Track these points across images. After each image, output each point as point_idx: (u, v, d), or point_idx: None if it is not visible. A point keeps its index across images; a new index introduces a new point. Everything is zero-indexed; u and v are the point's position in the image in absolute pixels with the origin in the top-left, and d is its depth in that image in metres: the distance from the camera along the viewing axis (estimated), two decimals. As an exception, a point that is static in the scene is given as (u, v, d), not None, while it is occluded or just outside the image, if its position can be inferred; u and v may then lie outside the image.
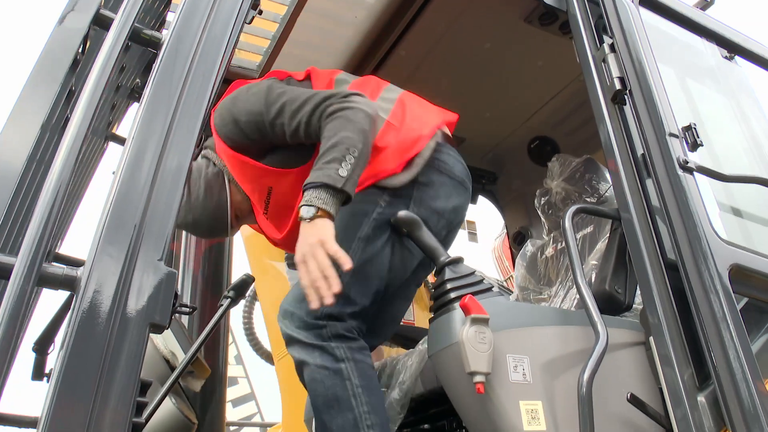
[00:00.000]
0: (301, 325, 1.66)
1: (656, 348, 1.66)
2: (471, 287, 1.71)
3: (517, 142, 3.38)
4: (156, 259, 1.08)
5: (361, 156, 1.63)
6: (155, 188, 1.14)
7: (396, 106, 1.96)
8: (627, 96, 1.96)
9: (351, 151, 1.60)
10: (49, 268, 0.99)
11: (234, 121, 1.81)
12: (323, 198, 1.56)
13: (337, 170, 1.58)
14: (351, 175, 1.59)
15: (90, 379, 0.96)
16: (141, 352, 1.02)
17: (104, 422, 0.95)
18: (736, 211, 2.19)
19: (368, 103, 1.74)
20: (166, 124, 1.23)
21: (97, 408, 0.95)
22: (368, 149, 1.69)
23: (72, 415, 0.93)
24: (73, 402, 0.94)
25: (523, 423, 1.56)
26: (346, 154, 1.60)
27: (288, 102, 1.76)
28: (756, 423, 1.50)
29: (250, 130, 1.81)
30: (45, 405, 0.93)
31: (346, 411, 1.61)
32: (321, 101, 1.72)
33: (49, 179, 1.02)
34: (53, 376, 0.96)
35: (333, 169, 1.58)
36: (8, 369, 0.87)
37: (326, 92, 1.77)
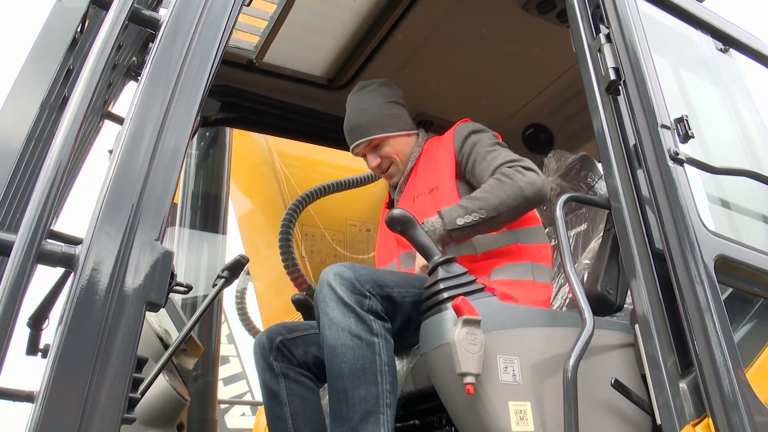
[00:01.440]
0: (349, 286, 1.72)
1: (641, 335, 1.69)
2: (463, 287, 1.72)
3: (512, 129, 3.40)
4: (153, 238, 1.10)
5: (487, 221, 1.95)
6: (153, 168, 1.15)
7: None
8: (621, 86, 1.97)
9: (480, 214, 1.93)
10: (47, 245, 1.00)
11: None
12: (435, 227, 1.92)
13: (458, 217, 1.93)
14: (464, 228, 1.93)
15: (88, 355, 0.98)
16: (137, 330, 1.04)
17: (101, 397, 0.97)
18: (724, 203, 2.22)
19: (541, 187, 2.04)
20: (164, 104, 1.24)
21: (94, 383, 0.97)
22: (500, 220, 1.98)
23: (70, 389, 0.95)
24: (71, 377, 0.96)
25: (511, 423, 1.58)
26: (474, 214, 1.93)
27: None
28: (735, 410, 1.54)
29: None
30: (43, 380, 0.96)
31: (371, 385, 1.64)
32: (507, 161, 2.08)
33: (48, 158, 1.03)
34: (52, 352, 0.98)
35: (457, 213, 1.93)
36: (7, 344, 0.89)
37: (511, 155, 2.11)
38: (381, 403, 1.64)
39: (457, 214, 1.93)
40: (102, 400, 0.97)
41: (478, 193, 1.99)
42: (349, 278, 1.73)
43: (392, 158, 2.35)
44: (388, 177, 2.42)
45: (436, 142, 2.36)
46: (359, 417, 1.62)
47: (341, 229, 3.57)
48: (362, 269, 1.79)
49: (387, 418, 1.64)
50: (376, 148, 2.36)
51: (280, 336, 2.12)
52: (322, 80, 3.11)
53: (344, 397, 1.64)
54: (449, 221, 1.92)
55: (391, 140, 2.35)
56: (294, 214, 3.14)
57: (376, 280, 1.78)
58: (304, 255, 3.29)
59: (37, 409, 0.93)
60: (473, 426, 1.64)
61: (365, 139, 2.34)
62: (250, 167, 3.79)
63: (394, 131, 2.35)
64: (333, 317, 1.70)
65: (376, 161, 2.36)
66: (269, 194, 3.64)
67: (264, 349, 2.11)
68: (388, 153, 2.35)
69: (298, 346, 2.12)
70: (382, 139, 2.34)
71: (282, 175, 3.58)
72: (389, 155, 2.35)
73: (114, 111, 2.08)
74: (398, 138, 2.36)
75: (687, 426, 1.57)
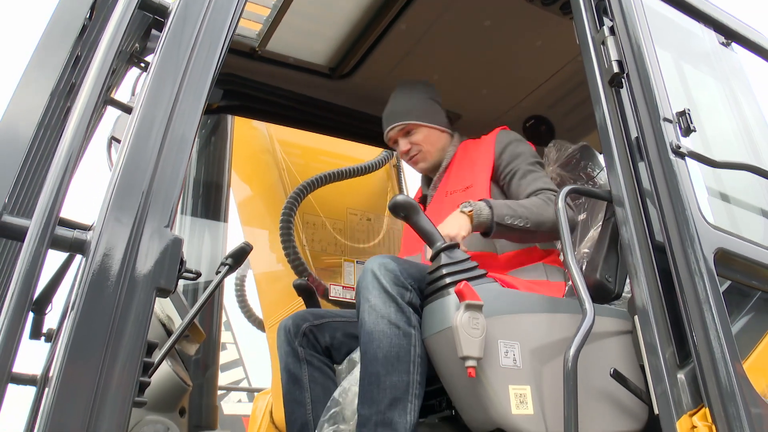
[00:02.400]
0: (393, 278, 1.78)
1: (640, 326, 1.71)
2: (466, 273, 1.75)
3: (513, 120, 3.40)
4: (163, 225, 1.11)
5: (525, 232, 2.04)
6: (162, 156, 1.16)
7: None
8: (624, 79, 1.98)
9: (525, 222, 2.02)
10: (59, 231, 1.02)
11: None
12: (482, 212, 1.98)
13: (507, 215, 2.00)
14: (506, 227, 2.00)
15: (99, 339, 1.00)
16: (148, 315, 1.06)
17: (113, 381, 0.99)
18: (724, 196, 2.24)
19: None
20: (173, 92, 1.25)
21: (106, 367, 0.99)
22: (533, 237, 2.10)
23: (83, 373, 0.97)
24: (83, 361, 0.98)
25: (511, 406, 1.62)
26: (520, 219, 2.02)
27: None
28: (732, 401, 1.56)
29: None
30: (56, 363, 0.97)
31: (403, 373, 1.70)
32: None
33: (61, 145, 1.04)
34: (64, 336, 0.99)
35: (506, 212, 2.01)
36: (23, 326, 0.90)
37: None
38: (410, 392, 1.69)
39: (506, 212, 2.01)
40: (114, 383, 0.99)
41: (526, 203, 2.09)
42: (393, 270, 1.79)
43: (421, 147, 2.49)
44: (413, 164, 2.56)
45: (472, 144, 2.49)
46: (388, 402, 1.66)
47: (342, 218, 3.59)
48: (405, 263, 1.86)
49: (414, 408, 1.69)
50: (408, 134, 2.51)
51: (307, 322, 2.19)
52: (324, 69, 3.11)
53: (376, 381, 1.69)
54: (498, 214, 1.99)
55: (423, 129, 2.49)
56: (295, 202, 3.15)
57: (418, 276, 1.84)
58: (305, 243, 3.31)
59: (51, 393, 0.95)
60: (474, 409, 1.67)
61: (399, 123, 2.50)
62: (251, 155, 3.79)
63: (427, 122, 2.50)
64: (374, 304, 1.75)
65: (406, 146, 2.50)
66: (270, 182, 3.64)
67: (289, 333, 2.17)
68: (418, 140, 2.49)
69: (324, 333, 2.20)
70: (415, 126, 2.49)
71: (283, 163, 3.59)
72: (419, 143, 2.49)
73: (116, 97, 2.10)
74: (430, 129, 2.51)
75: (684, 416, 1.59)
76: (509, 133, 2.42)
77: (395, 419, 1.65)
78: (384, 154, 3.81)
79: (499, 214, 1.99)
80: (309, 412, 2.06)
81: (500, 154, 2.31)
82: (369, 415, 1.67)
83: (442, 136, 2.54)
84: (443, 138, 2.54)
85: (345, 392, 1.91)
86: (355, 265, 3.23)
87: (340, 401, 1.91)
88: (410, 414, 1.68)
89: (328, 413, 1.92)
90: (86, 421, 0.96)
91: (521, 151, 2.32)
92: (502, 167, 2.29)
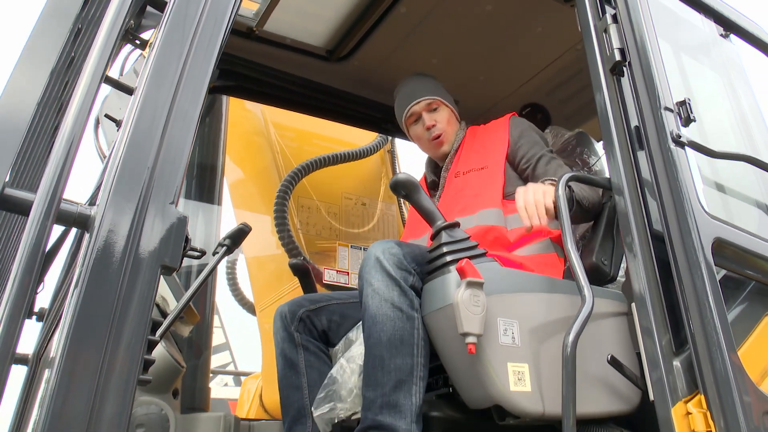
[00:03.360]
0: (396, 261, 1.78)
1: (637, 313, 1.72)
2: (466, 252, 1.76)
3: (510, 107, 3.39)
4: (168, 202, 1.10)
5: (586, 212, 2.12)
6: (167, 132, 1.14)
7: None
8: (626, 68, 1.98)
9: (588, 204, 2.10)
10: (64, 205, 1.00)
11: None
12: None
13: (583, 198, 2.06)
14: (581, 208, 2.07)
15: (104, 316, 0.99)
16: (152, 293, 1.04)
17: (118, 358, 0.98)
18: (719, 187, 2.25)
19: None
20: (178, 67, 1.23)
21: (111, 344, 0.98)
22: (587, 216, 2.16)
23: (87, 351, 0.96)
24: (88, 338, 0.96)
25: (510, 384, 1.63)
26: (587, 200, 2.09)
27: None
28: (726, 388, 1.58)
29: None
30: (59, 341, 0.96)
31: (407, 356, 1.70)
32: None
33: (66, 119, 1.02)
34: (68, 313, 0.98)
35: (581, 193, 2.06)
36: (31, 302, 0.88)
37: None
38: (414, 374, 1.70)
39: (581, 193, 2.06)
40: (118, 361, 0.98)
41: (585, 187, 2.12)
42: (396, 254, 1.79)
43: (444, 126, 2.52)
44: (437, 145, 2.55)
45: (481, 129, 2.53)
46: (393, 384, 1.67)
47: (337, 202, 3.57)
48: (408, 247, 1.86)
49: (419, 390, 1.70)
50: (433, 110, 2.54)
51: (303, 308, 2.20)
52: (321, 51, 3.08)
53: (380, 364, 1.70)
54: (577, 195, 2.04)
55: (446, 109, 2.56)
56: (290, 185, 3.13)
57: (421, 260, 1.84)
58: (299, 227, 3.29)
59: (55, 370, 0.93)
60: (473, 386, 1.68)
61: (428, 97, 2.53)
62: (244, 138, 3.75)
63: (450, 104, 2.58)
64: (377, 288, 1.75)
65: (431, 121, 2.52)
66: (263, 165, 3.61)
67: (285, 319, 2.18)
68: (441, 119, 2.53)
69: (321, 317, 2.21)
70: (440, 104, 2.55)
71: (277, 146, 3.56)
72: (442, 121, 2.52)
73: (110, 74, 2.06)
74: (451, 112, 2.58)
75: (679, 402, 1.61)
76: (521, 119, 2.47)
77: (400, 401, 1.66)
78: (379, 139, 3.79)
79: (579, 195, 2.04)
80: (306, 397, 2.07)
81: (518, 138, 2.34)
82: (374, 398, 1.67)
83: (456, 124, 2.59)
84: (456, 125, 2.59)
85: (342, 369, 1.91)
86: (350, 250, 3.22)
87: (338, 378, 1.91)
88: (415, 396, 1.68)
89: (324, 391, 1.93)
90: (91, 399, 0.95)
91: (538, 138, 2.38)
92: (522, 152, 2.32)
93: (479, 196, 2.25)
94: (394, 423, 1.64)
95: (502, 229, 2.15)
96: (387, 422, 1.64)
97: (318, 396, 1.95)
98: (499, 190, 2.24)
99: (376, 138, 3.78)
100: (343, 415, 1.90)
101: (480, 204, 2.22)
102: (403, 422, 1.65)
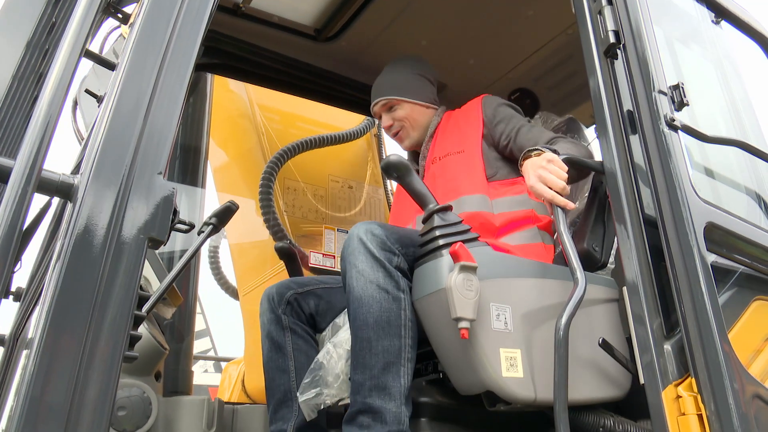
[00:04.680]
0: (380, 242, 1.75)
1: (628, 297, 1.71)
2: (459, 235, 1.73)
3: (498, 92, 3.33)
4: (156, 172, 1.05)
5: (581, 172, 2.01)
6: (155, 99, 1.09)
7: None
8: (620, 50, 1.96)
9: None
10: (45, 173, 0.95)
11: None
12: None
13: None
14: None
15: (88, 290, 0.94)
16: (139, 266, 1.00)
17: (103, 333, 0.93)
18: (708, 172, 2.25)
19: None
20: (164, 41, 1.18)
21: (95, 319, 0.93)
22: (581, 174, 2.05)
23: (70, 325, 0.91)
24: (71, 314, 0.92)
25: (502, 369, 1.61)
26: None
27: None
28: (717, 372, 1.58)
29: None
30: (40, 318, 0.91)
31: (394, 337, 1.68)
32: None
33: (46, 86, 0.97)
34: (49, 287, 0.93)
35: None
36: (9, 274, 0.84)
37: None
38: (402, 356, 1.68)
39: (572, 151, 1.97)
40: (103, 336, 0.93)
41: (567, 145, 2.06)
42: (379, 235, 1.76)
43: (404, 122, 2.48)
44: (398, 141, 2.55)
45: (456, 112, 2.48)
46: (381, 366, 1.65)
47: (323, 185, 3.52)
48: (392, 228, 1.83)
49: (407, 371, 1.68)
50: (391, 110, 2.51)
51: (291, 290, 2.17)
52: (309, 30, 3.01)
53: (367, 346, 1.67)
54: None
55: (406, 105, 2.49)
56: (276, 166, 3.08)
57: (405, 241, 1.81)
58: (284, 209, 3.24)
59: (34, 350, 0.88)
60: (464, 372, 1.66)
61: (382, 98, 2.51)
62: (229, 120, 3.68)
63: (410, 98, 2.49)
64: (362, 269, 1.72)
65: (388, 122, 2.51)
66: (247, 148, 3.55)
67: (273, 301, 2.14)
68: (401, 116, 2.48)
69: (309, 300, 2.18)
70: (398, 102, 2.48)
71: (262, 128, 3.49)
72: (401, 119, 2.48)
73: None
74: (414, 106, 2.50)
75: (670, 386, 1.60)
76: (493, 97, 2.42)
77: (389, 383, 1.63)
78: (365, 122, 3.75)
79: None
80: (293, 380, 2.03)
81: (492, 117, 2.29)
82: (362, 381, 1.65)
83: (426, 113, 2.52)
84: (427, 114, 2.52)
85: (329, 354, 1.88)
86: (336, 233, 3.18)
87: (324, 363, 1.88)
88: (404, 377, 1.66)
89: (310, 376, 1.89)
90: (74, 378, 0.90)
91: (512, 112, 2.33)
92: (500, 128, 2.27)
93: (458, 181, 2.21)
94: (383, 405, 1.62)
95: (487, 215, 2.12)
96: (376, 405, 1.62)
97: (304, 381, 1.92)
98: (480, 173, 2.20)
99: (363, 121, 3.73)
100: (329, 401, 1.86)
101: (461, 189, 2.18)
102: (393, 404, 1.63)
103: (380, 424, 1.61)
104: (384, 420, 1.61)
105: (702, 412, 1.54)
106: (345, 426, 1.67)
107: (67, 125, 2.81)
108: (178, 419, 2.14)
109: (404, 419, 1.63)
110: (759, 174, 2.35)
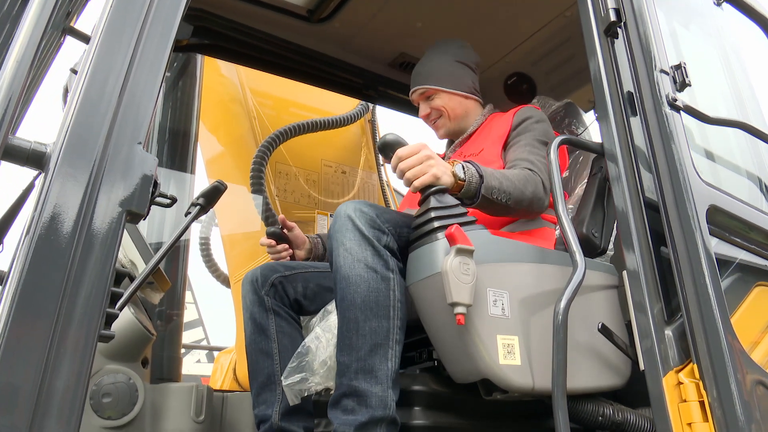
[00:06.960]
0: (369, 220, 1.68)
1: (629, 281, 1.67)
2: (456, 218, 1.66)
3: (495, 76, 3.31)
4: (135, 142, 0.99)
5: (510, 206, 1.86)
6: (135, 65, 1.03)
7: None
8: (621, 29, 1.91)
9: (509, 198, 1.84)
10: (14, 140, 0.88)
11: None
12: (470, 172, 1.76)
13: (495, 188, 1.80)
14: (490, 199, 1.79)
15: (60, 265, 0.88)
16: (117, 241, 0.94)
17: (76, 311, 0.87)
18: (709, 154, 2.21)
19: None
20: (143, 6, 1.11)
21: (68, 295, 0.87)
22: (512, 212, 1.92)
23: (40, 301, 0.85)
24: (40, 291, 0.86)
25: (499, 356, 1.56)
26: (505, 195, 1.83)
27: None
28: (719, 357, 1.53)
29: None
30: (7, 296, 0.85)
31: (382, 318, 1.62)
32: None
33: (13, 43, 0.90)
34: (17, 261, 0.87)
35: (494, 183, 1.80)
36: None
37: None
38: (390, 337, 1.62)
39: (495, 185, 1.81)
40: (77, 314, 0.87)
41: (511, 175, 1.89)
42: (368, 213, 1.70)
43: (441, 112, 2.42)
44: (435, 129, 2.48)
45: (498, 116, 2.40)
46: (368, 348, 1.59)
47: (316, 170, 3.46)
48: (381, 208, 1.76)
49: (395, 354, 1.62)
50: (429, 99, 2.43)
51: (276, 273, 2.11)
52: (302, 11, 2.94)
53: (354, 327, 1.61)
54: (487, 189, 1.79)
55: (444, 95, 2.40)
56: (268, 150, 3.01)
57: (395, 220, 1.75)
58: (276, 194, 3.18)
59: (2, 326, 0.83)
60: (460, 359, 1.61)
61: (421, 86, 2.42)
62: (220, 105, 3.61)
63: (449, 87, 2.40)
64: (349, 247, 1.66)
65: (426, 110, 2.43)
66: (239, 133, 3.48)
67: (256, 282, 2.09)
68: (438, 105, 2.41)
69: (296, 283, 2.12)
70: (436, 91, 2.40)
71: (254, 113, 3.42)
72: (439, 108, 2.41)
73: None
74: (452, 95, 2.41)
75: (670, 372, 1.56)
76: (531, 109, 2.30)
77: (376, 366, 1.58)
78: (359, 107, 3.69)
79: (488, 185, 1.79)
80: (276, 363, 1.98)
81: (515, 126, 2.21)
82: (349, 363, 1.59)
83: (466, 103, 2.43)
84: (467, 104, 2.43)
85: (317, 338, 1.83)
86: (329, 218, 3.13)
87: (311, 348, 1.82)
88: (391, 360, 1.61)
89: (296, 360, 1.84)
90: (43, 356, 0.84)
91: (533, 128, 2.18)
92: (512, 139, 2.18)
93: None
94: (369, 389, 1.56)
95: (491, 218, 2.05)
96: (362, 388, 1.57)
97: (289, 365, 1.86)
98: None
99: (357, 106, 3.67)
100: (314, 388, 1.80)
101: None
102: (379, 388, 1.57)
103: (365, 408, 1.55)
104: (369, 404, 1.55)
105: (704, 399, 1.50)
106: (330, 410, 1.62)
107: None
108: (166, 407, 2.09)
109: (390, 403, 1.58)
110: (760, 157, 2.31)
